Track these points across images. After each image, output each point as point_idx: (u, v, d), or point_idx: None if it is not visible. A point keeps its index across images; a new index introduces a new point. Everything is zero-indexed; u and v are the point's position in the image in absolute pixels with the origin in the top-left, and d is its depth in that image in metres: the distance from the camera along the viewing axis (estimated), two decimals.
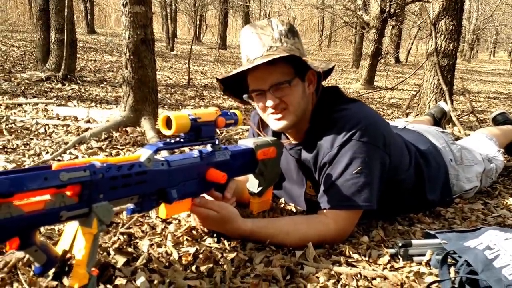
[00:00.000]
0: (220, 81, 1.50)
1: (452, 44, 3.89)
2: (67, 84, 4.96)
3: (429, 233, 1.48)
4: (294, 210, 1.68)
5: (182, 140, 1.17)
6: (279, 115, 1.44)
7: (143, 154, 1.06)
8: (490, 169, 2.11)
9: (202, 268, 1.18)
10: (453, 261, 1.29)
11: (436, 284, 1.20)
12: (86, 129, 2.88)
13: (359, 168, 1.39)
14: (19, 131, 2.78)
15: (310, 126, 1.52)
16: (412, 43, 14.03)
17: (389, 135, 1.51)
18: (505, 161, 2.40)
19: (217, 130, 1.50)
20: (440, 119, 2.91)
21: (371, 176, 1.42)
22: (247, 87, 1.48)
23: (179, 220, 1.49)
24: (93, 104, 4.01)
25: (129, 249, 1.25)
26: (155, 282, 1.09)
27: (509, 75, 14.06)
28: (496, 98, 7.24)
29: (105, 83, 5.42)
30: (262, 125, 1.69)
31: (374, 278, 1.22)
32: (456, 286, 1.19)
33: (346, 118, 1.43)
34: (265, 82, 1.40)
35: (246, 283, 1.13)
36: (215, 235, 1.37)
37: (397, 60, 14.97)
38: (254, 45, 1.40)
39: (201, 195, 1.29)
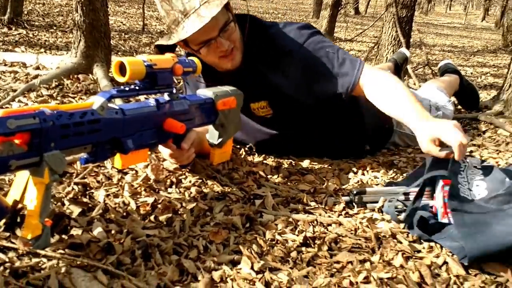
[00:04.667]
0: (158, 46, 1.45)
1: None
2: (13, 28, 4.67)
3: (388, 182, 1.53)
4: (255, 161, 1.69)
5: (137, 88, 1.13)
6: (231, 54, 1.51)
7: (96, 101, 1.01)
8: (436, 117, 2.18)
9: (161, 218, 1.17)
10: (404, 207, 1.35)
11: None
12: (36, 76, 2.73)
13: (331, 52, 1.57)
14: None
15: (245, 52, 1.57)
16: None
17: None
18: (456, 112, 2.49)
19: (175, 79, 1.45)
20: (402, 65, 3.03)
21: (339, 48, 1.61)
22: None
23: (136, 171, 1.46)
24: (42, 50, 3.79)
25: (84, 200, 1.22)
26: (113, 232, 1.07)
27: (464, 29, 14.38)
28: (450, 51, 7.42)
29: (54, 27, 5.11)
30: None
31: (329, 224, 1.26)
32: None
33: (284, 30, 1.59)
34: (213, 29, 1.41)
35: (206, 231, 1.14)
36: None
37: (357, 11, 14.96)
38: None
39: (158, 146, 1.26)
